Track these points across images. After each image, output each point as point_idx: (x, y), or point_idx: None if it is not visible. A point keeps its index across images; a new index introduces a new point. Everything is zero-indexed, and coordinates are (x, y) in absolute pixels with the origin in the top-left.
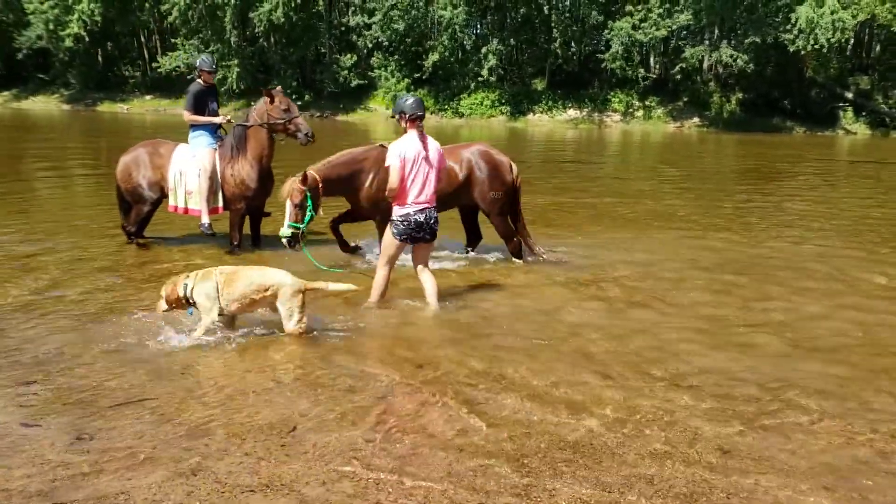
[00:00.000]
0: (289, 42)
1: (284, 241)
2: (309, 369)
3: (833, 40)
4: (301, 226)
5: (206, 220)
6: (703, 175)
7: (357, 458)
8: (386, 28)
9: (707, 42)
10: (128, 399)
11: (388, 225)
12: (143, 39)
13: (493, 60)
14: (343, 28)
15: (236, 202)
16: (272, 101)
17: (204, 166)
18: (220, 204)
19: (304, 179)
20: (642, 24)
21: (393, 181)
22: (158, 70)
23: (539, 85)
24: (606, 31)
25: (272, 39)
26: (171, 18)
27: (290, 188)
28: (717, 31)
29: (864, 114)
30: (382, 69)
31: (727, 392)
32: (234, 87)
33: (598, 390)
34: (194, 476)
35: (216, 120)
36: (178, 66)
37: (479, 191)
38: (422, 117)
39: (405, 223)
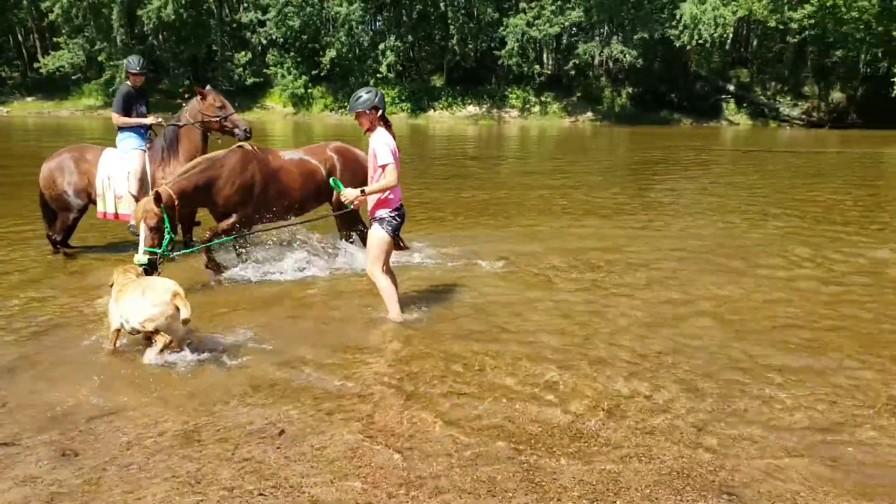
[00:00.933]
0: (179, 40)
1: (141, 270)
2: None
3: (715, 35)
4: (159, 250)
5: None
6: (613, 166)
7: (356, 456)
8: (281, 25)
9: (598, 38)
10: (103, 412)
11: (378, 225)
12: (20, 39)
13: (391, 57)
14: (235, 25)
15: None
16: (204, 100)
17: (134, 168)
18: None
19: (159, 199)
20: (536, 21)
21: (392, 179)
22: (40, 70)
23: (437, 81)
24: (501, 28)
25: (161, 37)
26: (52, 16)
27: (142, 210)
28: (607, 28)
29: (744, 105)
30: (278, 66)
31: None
32: None
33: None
34: (198, 484)
35: (146, 121)
36: (63, 66)
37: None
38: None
39: (398, 219)
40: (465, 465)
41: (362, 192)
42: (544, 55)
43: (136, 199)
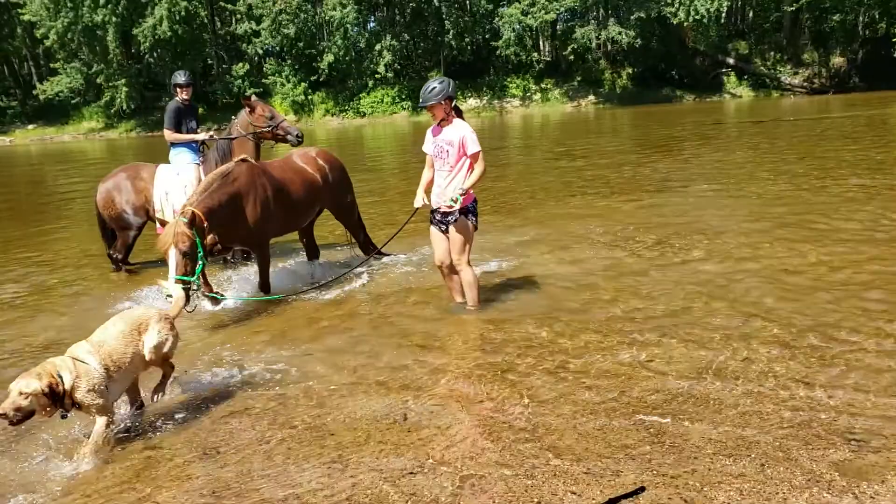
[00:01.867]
0: (175, 56)
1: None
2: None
3: (711, 9)
4: (192, 278)
5: None
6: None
7: (485, 434)
8: (275, 33)
9: (594, 21)
10: (225, 413)
11: (465, 217)
12: (15, 67)
13: (388, 57)
14: (229, 37)
15: None
16: (253, 111)
17: (190, 181)
18: None
19: (193, 220)
20: (531, 9)
21: (483, 166)
22: (38, 97)
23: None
24: (496, 19)
25: (157, 55)
26: (48, 42)
27: (171, 234)
28: (601, 11)
29: (745, 77)
30: (277, 75)
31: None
32: (125, 106)
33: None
34: (347, 468)
35: (198, 137)
36: (62, 91)
37: (337, 194)
38: None
39: (476, 206)
40: (593, 435)
41: (463, 191)
42: (541, 42)
43: None
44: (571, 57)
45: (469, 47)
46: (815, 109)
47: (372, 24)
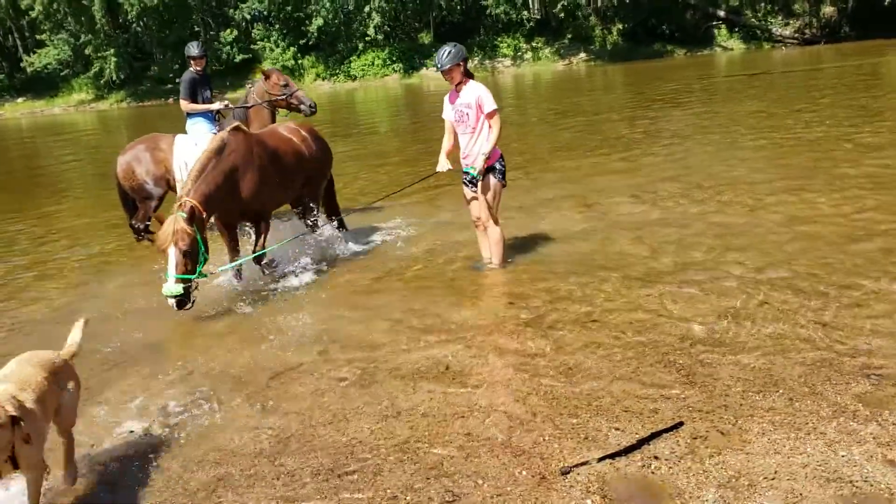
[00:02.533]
0: (163, 24)
1: (173, 301)
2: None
3: None
4: (194, 276)
5: None
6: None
7: (526, 380)
8: None
9: None
10: (277, 371)
11: (492, 176)
12: (0, 40)
13: (377, 19)
14: (215, 3)
15: None
16: (269, 79)
17: None
18: None
19: (192, 216)
20: None
21: (500, 124)
22: (26, 70)
23: (426, 38)
24: None
25: (144, 23)
26: (33, 14)
27: (171, 232)
28: None
29: (736, 29)
30: (265, 40)
31: None
32: (114, 77)
33: None
34: (399, 415)
35: (214, 106)
36: (50, 63)
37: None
38: None
39: (504, 164)
40: (627, 377)
41: (486, 155)
42: (530, 0)
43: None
44: (562, 14)
45: (459, 7)
46: (808, 61)
47: None
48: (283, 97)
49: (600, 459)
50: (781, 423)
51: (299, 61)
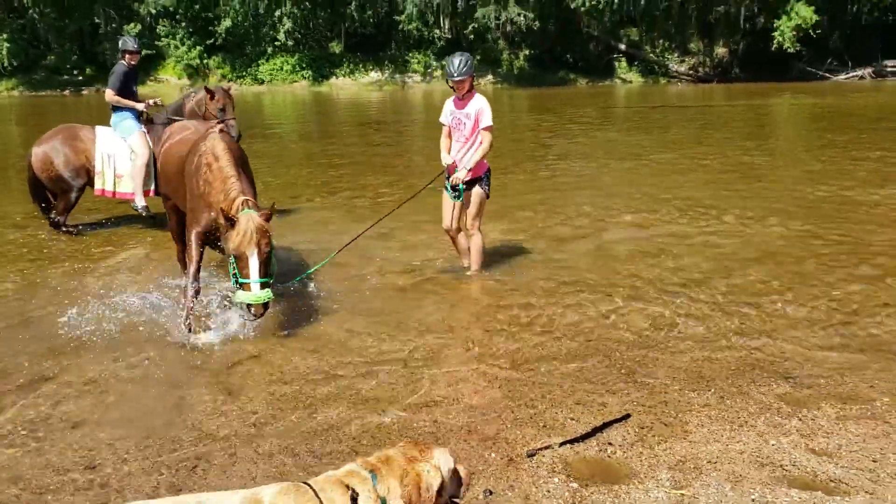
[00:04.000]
0: (62, 13)
1: (252, 310)
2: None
3: None
4: (272, 278)
5: (141, 202)
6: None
7: (488, 374)
8: None
9: (494, 2)
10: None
11: (479, 186)
12: None
13: (288, 24)
14: None
15: None
16: (213, 99)
17: (140, 150)
18: (153, 187)
19: (270, 215)
20: None
21: (490, 140)
22: None
23: (336, 48)
24: None
25: (40, 10)
26: None
27: (256, 232)
28: None
29: (636, 63)
30: (170, 37)
31: None
32: (6, 63)
33: None
34: (367, 405)
35: (139, 106)
36: None
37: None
38: None
39: (489, 176)
40: (575, 375)
41: (468, 168)
42: (441, 20)
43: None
44: (472, 36)
45: (371, 20)
46: (700, 97)
47: None
48: (217, 120)
49: (561, 444)
50: (717, 417)
51: (205, 61)
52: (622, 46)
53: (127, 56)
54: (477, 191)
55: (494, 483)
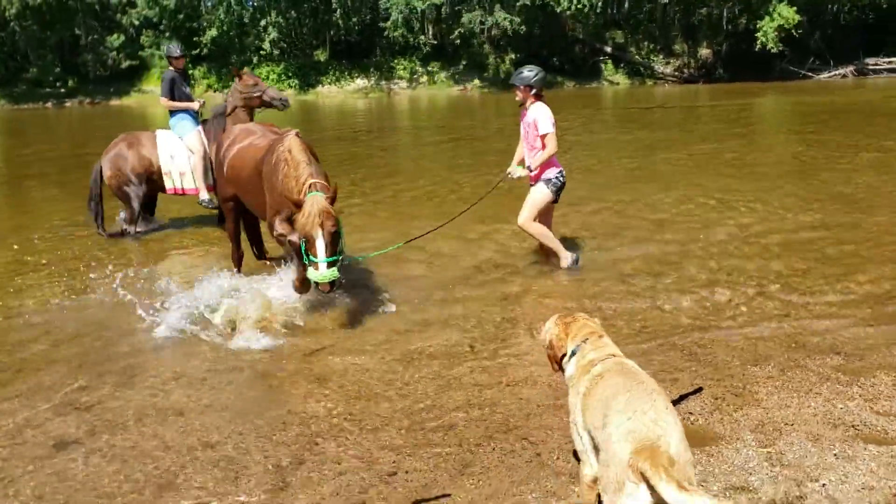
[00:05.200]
0: (44, 24)
1: (319, 286)
2: None
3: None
4: (340, 256)
5: (205, 195)
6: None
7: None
8: (153, 4)
9: (480, 7)
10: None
11: (544, 184)
12: None
13: (273, 33)
14: (97, 6)
15: None
16: (241, 79)
17: (196, 148)
18: (211, 182)
19: (335, 196)
20: None
21: (554, 146)
22: None
23: (322, 56)
24: (385, 0)
25: (21, 24)
26: None
27: (317, 213)
28: None
29: (622, 65)
30: (154, 48)
31: None
32: None
33: None
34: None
35: (192, 105)
36: None
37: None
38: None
39: (561, 179)
40: (647, 354)
41: (528, 168)
42: (426, 26)
43: (202, 175)
44: (458, 41)
45: (356, 27)
46: (687, 97)
47: (249, 2)
48: (256, 95)
49: None
50: (782, 386)
51: (190, 71)
52: (608, 49)
53: (173, 62)
54: (540, 188)
55: None
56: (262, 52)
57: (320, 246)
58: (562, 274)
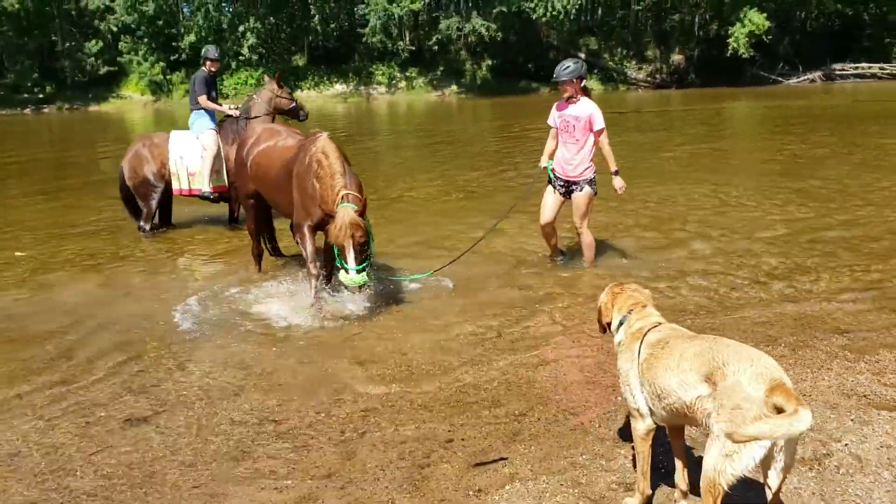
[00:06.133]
0: (21, 31)
1: (355, 287)
2: None
3: (568, 6)
4: (369, 262)
5: (206, 187)
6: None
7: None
8: (132, 10)
9: (457, 14)
10: None
11: (588, 186)
12: None
13: (252, 39)
14: (74, 13)
15: None
16: (283, 88)
17: (210, 146)
18: (225, 182)
19: (363, 209)
20: None
21: (608, 141)
22: None
23: (300, 61)
24: (363, 6)
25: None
26: None
27: (349, 226)
28: (465, 3)
29: (595, 71)
30: (132, 54)
31: None
32: None
33: None
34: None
35: (228, 111)
36: None
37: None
38: None
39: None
40: None
41: (615, 171)
42: (403, 31)
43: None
44: (435, 48)
45: (334, 33)
46: (660, 102)
47: (227, 8)
48: (292, 106)
49: None
50: (795, 363)
51: (168, 77)
52: (581, 55)
53: (208, 63)
54: (587, 191)
55: None
56: (240, 57)
57: (350, 255)
58: (576, 266)
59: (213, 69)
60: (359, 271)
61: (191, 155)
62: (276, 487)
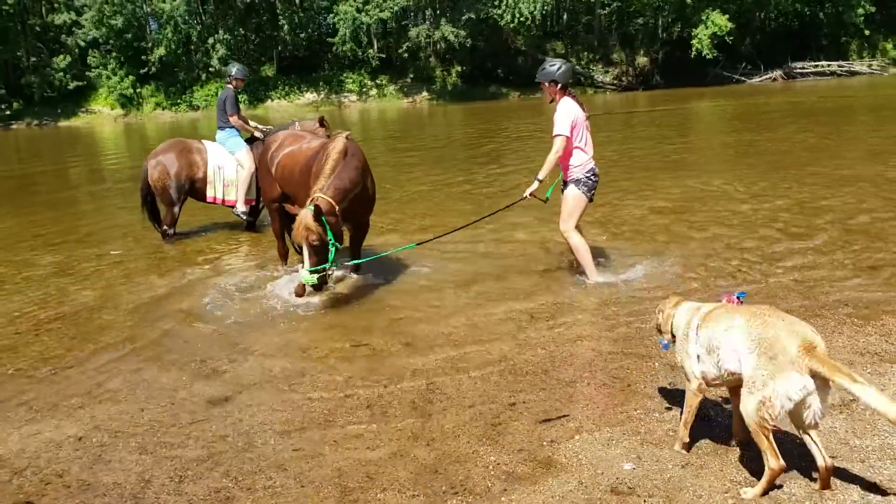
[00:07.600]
0: None
1: (310, 287)
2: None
3: (535, 12)
4: (327, 265)
5: (243, 207)
6: None
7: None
8: (100, 25)
9: (426, 21)
10: None
11: (574, 186)
12: None
13: (221, 50)
14: (38, 28)
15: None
16: (325, 127)
17: (247, 164)
18: (254, 196)
19: (319, 213)
20: (366, 7)
21: (558, 148)
22: None
23: (269, 71)
24: (332, 16)
25: None
26: None
27: (303, 229)
28: (434, 11)
29: None
30: (101, 68)
31: None
32: None
33: None
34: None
35: (257, 132)
36: None
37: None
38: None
39: (592, 178)
40: None
41: (538, 179)
42: (373, 39)
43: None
44: (405, 55)
45: (304, 43)
46: (628, 104)
47: (195, 20)
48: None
49: None
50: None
51: (138, 90)
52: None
53: (235, 81)
54: (570, 191)
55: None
56: (210, 69)
57: (305, 254)
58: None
59: (238, 87)
60: (312, 272)
61: (228, 166)
62: (368, 447)
